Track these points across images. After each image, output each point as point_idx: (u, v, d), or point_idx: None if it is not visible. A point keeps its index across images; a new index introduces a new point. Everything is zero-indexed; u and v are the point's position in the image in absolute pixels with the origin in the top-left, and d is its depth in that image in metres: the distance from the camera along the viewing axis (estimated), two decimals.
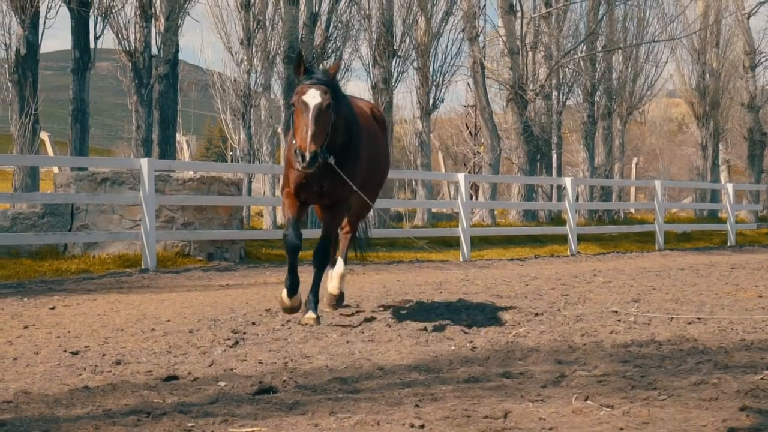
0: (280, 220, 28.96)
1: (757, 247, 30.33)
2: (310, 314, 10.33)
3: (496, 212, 34.21)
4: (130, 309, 11.87)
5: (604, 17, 38.47)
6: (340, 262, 11.63)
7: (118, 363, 7.80)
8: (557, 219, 33.09)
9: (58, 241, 18.15)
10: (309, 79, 9.75)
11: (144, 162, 17.78)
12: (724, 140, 48.40)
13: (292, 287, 10.37)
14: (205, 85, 35.72)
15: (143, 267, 17.46)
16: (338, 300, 11.57)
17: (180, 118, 32.47)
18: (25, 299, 12.96)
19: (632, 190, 49.72)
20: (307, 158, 9.25)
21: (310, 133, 9.34)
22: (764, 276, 17.60)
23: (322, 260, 10.59)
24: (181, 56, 27.29)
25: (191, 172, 19.90)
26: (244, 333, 9.56)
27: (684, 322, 10.38)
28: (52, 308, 11.96)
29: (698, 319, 10.63)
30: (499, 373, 7.07)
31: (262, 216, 29.44)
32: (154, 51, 26.33)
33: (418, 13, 32.58)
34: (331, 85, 9.84)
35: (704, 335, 9.31)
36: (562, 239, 26.32)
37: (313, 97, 9.62)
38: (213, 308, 11.88)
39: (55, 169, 27.28)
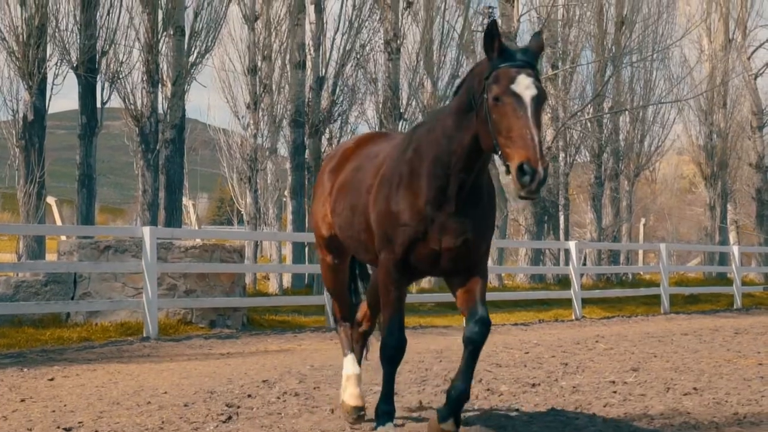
0: (286, 283, 28.98)
1: (763, 309, 30.27)
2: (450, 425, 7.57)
3: (503, 273, 34.18)
4: (128, 380, 11.90)
5: (611, 79, 38.62)
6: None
7: None
8: (564, 280, 33.05)
9: (60, 310, 18.19)
10: (514, 62, 6.98)
11: (146, 230, 17.88)
12: (732, 200, 48.34)
13: (389, 414, 7.85)
14: (217, 143, 35.96)
15: (145, 335, 17.49)
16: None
17: (187, 182, 32.65)
18: (25, 370, 12.99)
19: (640, 251, 49.75)
20: (540, 175, 6.53)
21: (537, 140, 6.66)
22: (767, 342, 17.59)
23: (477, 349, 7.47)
24: (193, 115, 27.54)
25: (194, 240, 19.96)
26: (239, 407, 9.56)
27: (680, 393, 10.37)
28: (51, 379, 11.99)
29: (694, 389, 10.63)
30: None
31: (269, 279, 29.42)
32: (161, 114, 26.52)
33: (424, 77, 32.73)
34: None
35: (698, 408, 9.32)
36: (568, 302, 26.30)
37: (528, 87, 6.88)
38: (211, 379, 11.90)
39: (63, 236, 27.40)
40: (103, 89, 25.29)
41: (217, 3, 27.41)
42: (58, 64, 24.63)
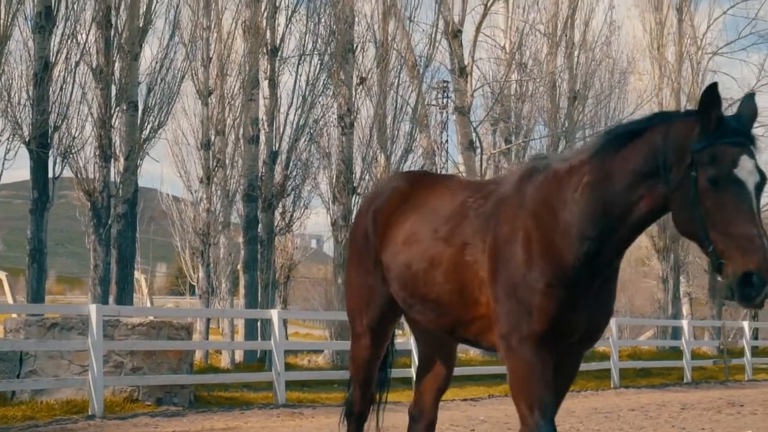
0: (238, 357, 28.88)
1: (713, 383, 30.40)
2: None
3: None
4: None
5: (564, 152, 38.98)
6: None
7: None
8: None
9: (5, 389, 18.07)
10: (734, 137, 5.95)
11: (93, 308, 17.84)
12: (685, 273, 48.65)
13: None
14: (170, 217, 35.83)
15: (90, 413, 17.35)
16: None
17: (139, 256, 32.58)
18: None
19: None
20: None
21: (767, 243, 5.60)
22: (712, 417, 17.73)
23: None
24: (152, 184, 27.56)
25: (141, 317, 19.93)
26: None
27: None
28: None
29: None
30: None
31: (221, 352, 29.30)
32: (114, 188, 26.55)
33: (378, 151, 32.96)
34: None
35: None
36: None
37: (752, 172, 5.86)
38: None
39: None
40: (55, 164, 25.35)
41: (171, 78, 27.69)
42: (10, 138, 24.69)
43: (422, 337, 8.23)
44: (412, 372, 23.08)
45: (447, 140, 46.40)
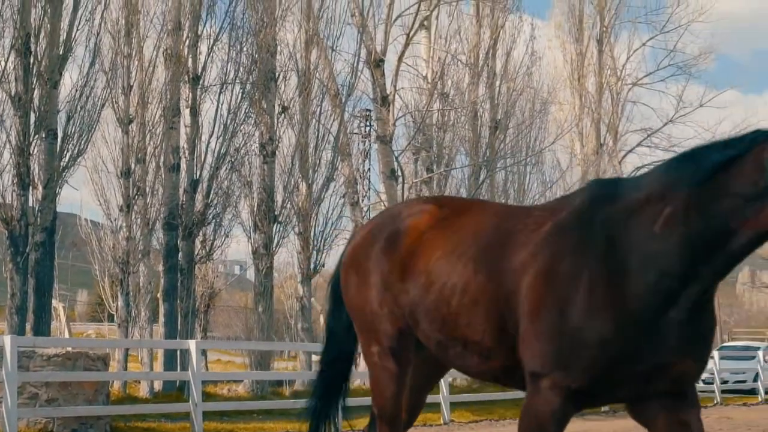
0: (157, 386, 28.66)
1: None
2: None
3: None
4: None
5: (485, 182, 39.26)
6: None
7: None
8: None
9: None
10: None
11: (7, 339, 17.67)
12: None
13: None
14: (89, 245, 35.42)
15: None
16: None
17: (56, 283, 32.26)
18: None
19: None
20: None
21: None
22: None
23: None
24: (72, 210, 27.34)
25: (57, 348, 19.77)
26: None
27: None
28: None
29: None
30: None
31: (140, 381, 29.08)
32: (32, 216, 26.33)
33: (300, 179, 33.02)
34: None
35: None
36: (437, 406, 26.43)
37: None
38: None
39: None
40: None
41: (91, 106, 27.52)
42: None
43: (418, 368, 7.49)
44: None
45: (369, 169, 46.53)
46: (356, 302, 7.58)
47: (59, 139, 26.71)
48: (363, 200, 36.24)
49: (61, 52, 26.68)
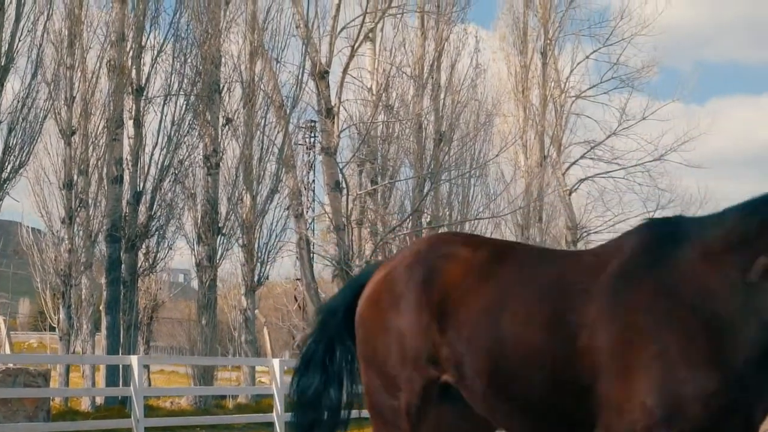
0: (99, 400, 28.44)
1: None
2: None
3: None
4: None
5: (429, 194, 39.29)
6: None
7: None
8: None
9: None
10: None
11: None
12: None
13: None
14: (30, 257, 34.99)
15: None
16: None
17: None
18: None
19: None
20: None
21: None
22: None
23: None
24: (14, 217, 27.06)
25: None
26: None
27: None
28: None
29: None
30: None
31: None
32: None
33: (244, 191, 32.92)
34: None
35: None
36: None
37: None
38: None
39: None
40: None
41: (33, 118, 27.23)
42: None
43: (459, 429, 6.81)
44: (274, 417, 22.92)
45: (314, 180, 46.58)
46: (379, 352, 6.68)
47: (0, 151, 26.42)
48: (307, 212, 36.28)
49: (2, 63, 26.37)
